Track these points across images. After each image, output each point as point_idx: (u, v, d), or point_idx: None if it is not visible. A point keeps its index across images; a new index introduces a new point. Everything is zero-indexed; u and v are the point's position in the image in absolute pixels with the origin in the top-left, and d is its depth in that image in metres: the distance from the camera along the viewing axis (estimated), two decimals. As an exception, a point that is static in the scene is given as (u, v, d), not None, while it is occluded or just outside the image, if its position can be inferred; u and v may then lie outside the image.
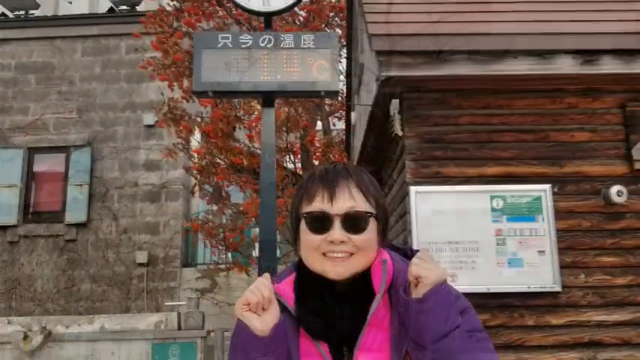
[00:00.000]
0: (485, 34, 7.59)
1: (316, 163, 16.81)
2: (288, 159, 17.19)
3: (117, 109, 20.06)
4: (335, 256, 2.34)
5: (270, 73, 7.15)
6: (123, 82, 20.25)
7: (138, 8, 21.39)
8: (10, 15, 21.85)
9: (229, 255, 18.95)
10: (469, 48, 7.33)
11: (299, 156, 17.61)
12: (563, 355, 7.24)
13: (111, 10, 21.51)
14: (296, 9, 14.34)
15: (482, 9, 8.26)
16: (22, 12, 23.00)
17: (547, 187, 7.50)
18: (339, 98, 16.15)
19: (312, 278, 2.41)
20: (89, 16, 21.00)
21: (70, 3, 22.03)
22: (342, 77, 13.92)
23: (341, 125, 18.31)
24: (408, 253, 2.52)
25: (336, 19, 16.93)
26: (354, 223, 2.36)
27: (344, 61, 14.19)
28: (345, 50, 13.95)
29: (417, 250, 2.41)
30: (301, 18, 16.47)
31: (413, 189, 7.52)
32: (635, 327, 7.28)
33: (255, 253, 16.91)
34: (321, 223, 2.37)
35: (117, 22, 20.74)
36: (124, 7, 22.71)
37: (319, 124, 18.11)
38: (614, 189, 7.44)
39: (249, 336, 2.28)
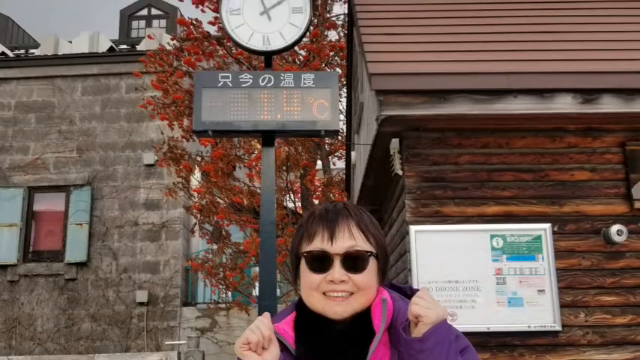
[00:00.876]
0: (485, 73, 7.62)
1: (316, 202, 16.80)
2: (288, 198, 17.18)
3: (117, 148, 20.05)
4: (335, 295, 2.33)
5: (270, 112, 7.14)
6: (123, 122, 20.25)
7: (138, 47, 21.42)
8: (10, 54, 21.89)
9: (229, 294, 18.92)
10: (469, 87, 7.36)
11: (299, 195, 17.61)
12: (564, 394, 7.23)
13: (111, 49, 21.54)
14: (296, 48, 14.40)
15: (482, 48, 8.29)
16: (22, 51, 23.03)
17: (547, 226, 7.51)
18: (339, 137, 16.20)
19: (312, 317, 2.40)
20: (89, 56, 21.04)
21: (70, 42, 22.10)
22: (342, 116, 13.96)
23: (341, 164, 18.35)
24: (407, 292, 2.52)
25: (336, 58, 16.98)
26: (354, 262, 2.35)
27: (344, 100, 14.24)
28: (345, 89, 14.00)
29: (417, 289, 2.40)
30: (301, 57, 16.51)
31: (413, 228, 7.52)
32: (636, 366, 7.26)
33: (256, 292, 16.87)
34: (321, 262, 2.36)
35: (117, 62, 20.78)
36: (124, 47, 22.75)
37: (319, 164, 18.12)
38: (614, 228, 7.44)
39: (249, 375, 2.26)
